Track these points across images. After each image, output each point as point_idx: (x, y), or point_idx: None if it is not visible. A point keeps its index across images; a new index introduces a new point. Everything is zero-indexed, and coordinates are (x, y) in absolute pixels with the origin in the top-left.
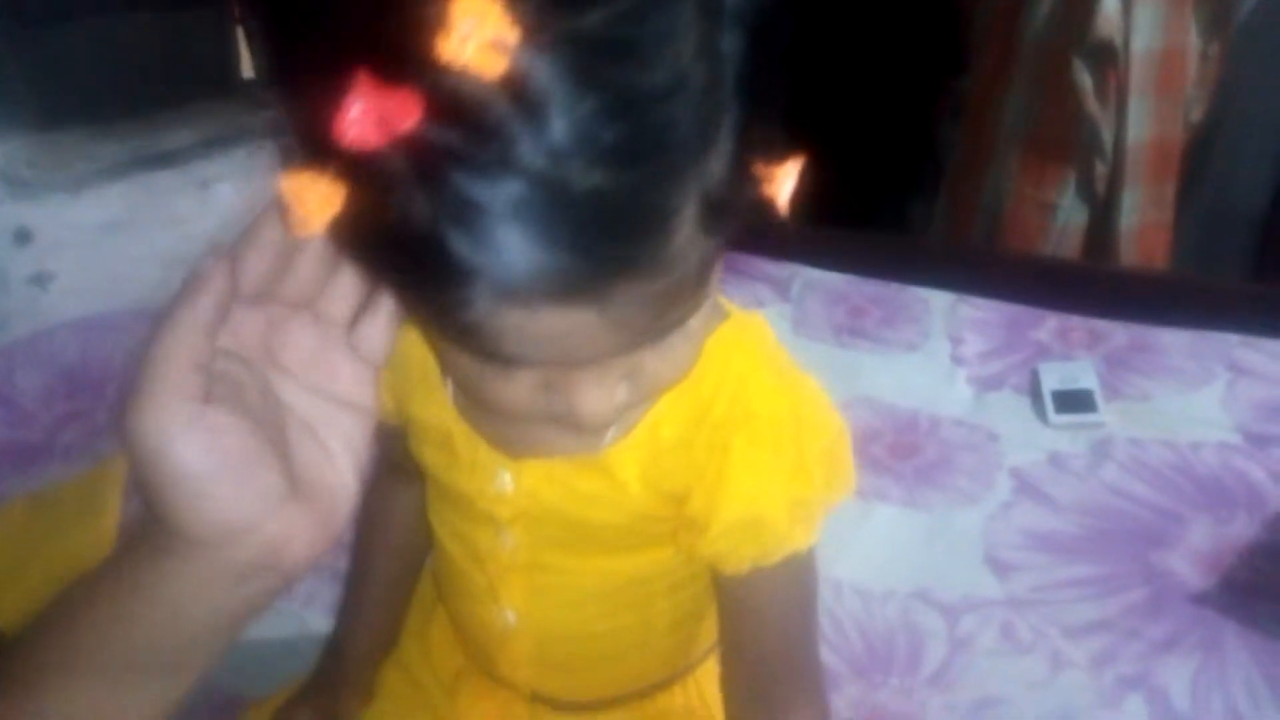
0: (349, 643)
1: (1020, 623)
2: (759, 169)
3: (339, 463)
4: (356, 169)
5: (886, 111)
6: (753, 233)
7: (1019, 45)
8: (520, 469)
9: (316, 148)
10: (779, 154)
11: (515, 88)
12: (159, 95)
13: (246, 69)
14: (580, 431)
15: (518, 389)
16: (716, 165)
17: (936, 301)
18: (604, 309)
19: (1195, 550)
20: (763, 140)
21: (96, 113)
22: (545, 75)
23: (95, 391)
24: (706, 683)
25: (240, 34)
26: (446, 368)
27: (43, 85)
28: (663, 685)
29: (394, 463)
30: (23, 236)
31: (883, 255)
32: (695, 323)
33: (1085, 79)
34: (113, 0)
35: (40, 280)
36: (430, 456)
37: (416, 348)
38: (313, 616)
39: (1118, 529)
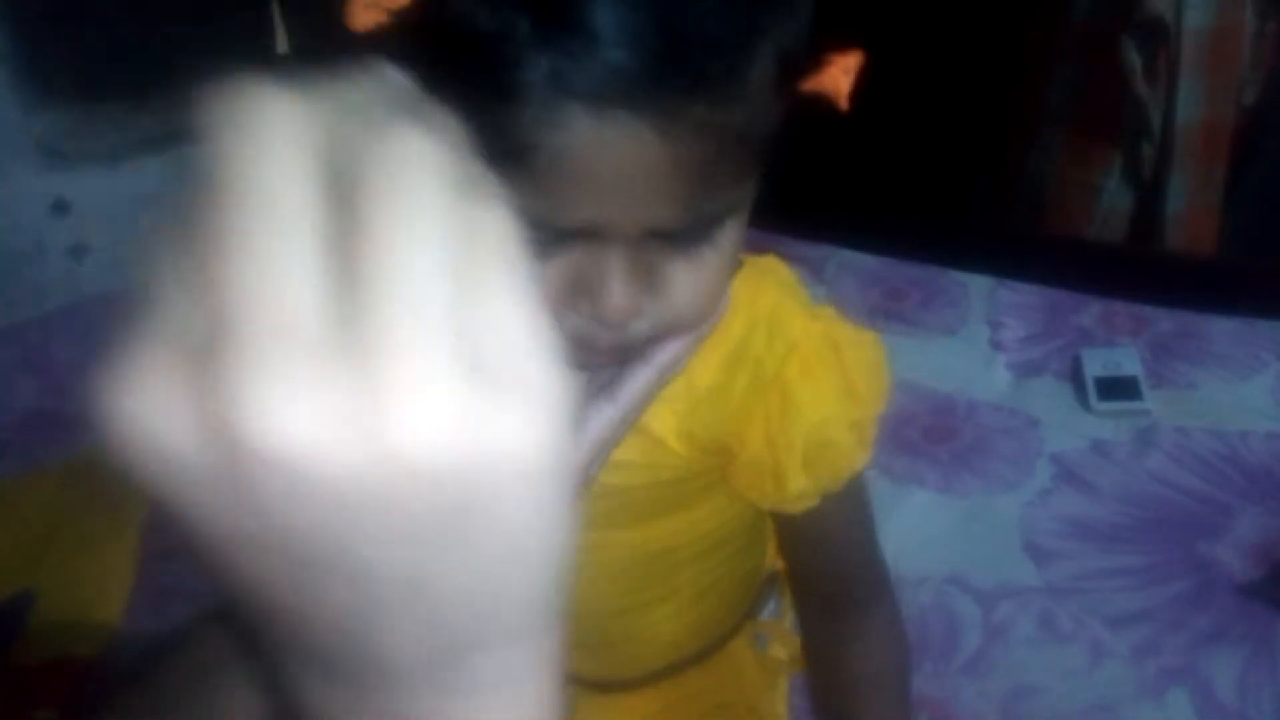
0: None
1: (1059, 611)
2: (824, 51)
3: None
4: None
5: (926, 90)
6: (788, 211)
7: (1065, 23)
8: None
9: None
10: (840, 46)
11: None
12: (196, 69)
13: (281, 44)
14: (594, 346)
15: (544, 286)
16: (794, 20)
17: (975, 285)
18: (668, 133)
19: (1243, 541)
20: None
21: (134, 86)
22: None
23: None
24: (741, 659)
25: (275, 9)
26: None
27: (81, 58)
28: (695, 661)
29: None
30: (61, 207)
31: (920, 237)
32: (725, 244)
33: (1134, 58)
34: None
35: (77, 252)
36: None
37: None
38: None
39: (1162, 518)
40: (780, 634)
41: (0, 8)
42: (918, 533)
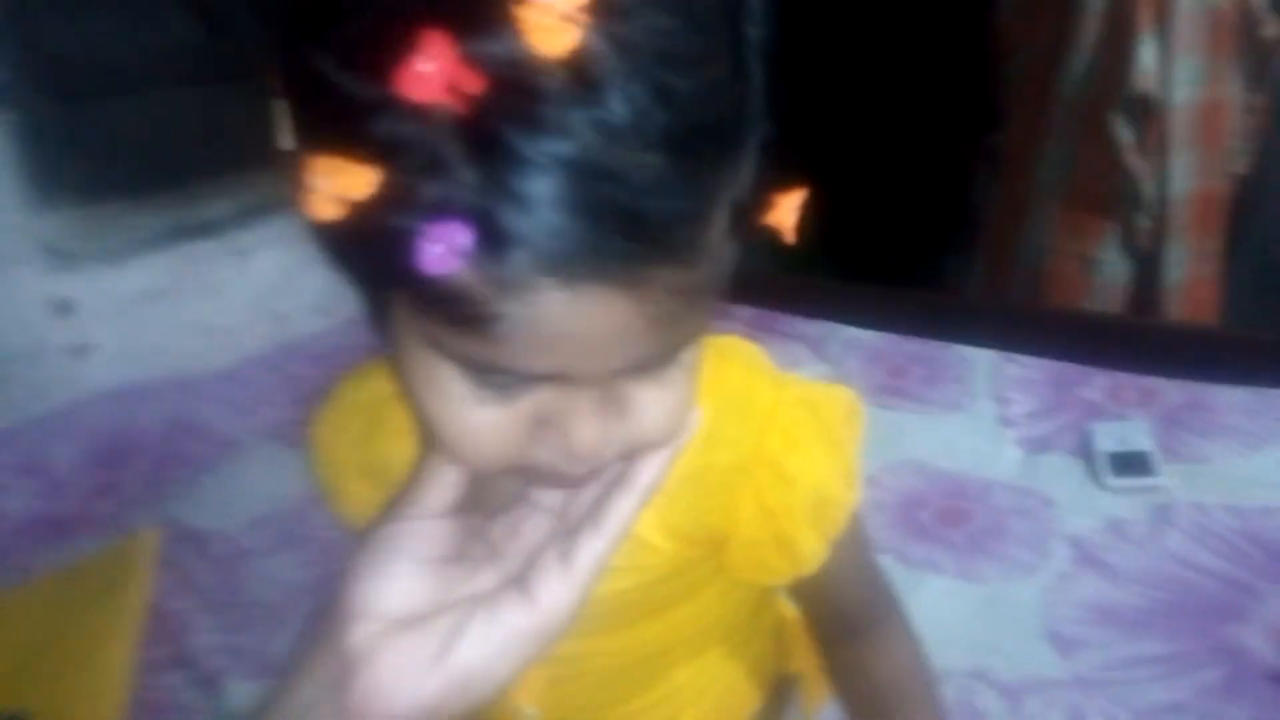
0: None
1: (1088, 705)
2: (771, 192)
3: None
4: (399, 142)
5: (922, 167)
6: (788, 289)
7: (1055, 99)
8: None
9: (352, 126)
10: (783, 184)
11: (578, 66)
12: (198, 167)
13: (284, 140)
14: (562, 476)
15: (509, 424)
16: (745, 173)
17: (980, 360)
18: (639, 297)
19: (1270, 625)
20: (772, 169)
21: (138, 184)
22: (605, 62)
23: (130, 462)
24: None
25: (276, 105)
26: (430, 410)
27: (86, 158)
28: None
29: None
30: (64, 308)
31: (922, 312)
32: (689, 360)
33: (1125, 133)
34: (153, 76)
35: (80, 351)
36: None
37: (400, 453)
38: None
39: (1186, 602)
40: None
41: (4, 109)
42: (936, 623)
